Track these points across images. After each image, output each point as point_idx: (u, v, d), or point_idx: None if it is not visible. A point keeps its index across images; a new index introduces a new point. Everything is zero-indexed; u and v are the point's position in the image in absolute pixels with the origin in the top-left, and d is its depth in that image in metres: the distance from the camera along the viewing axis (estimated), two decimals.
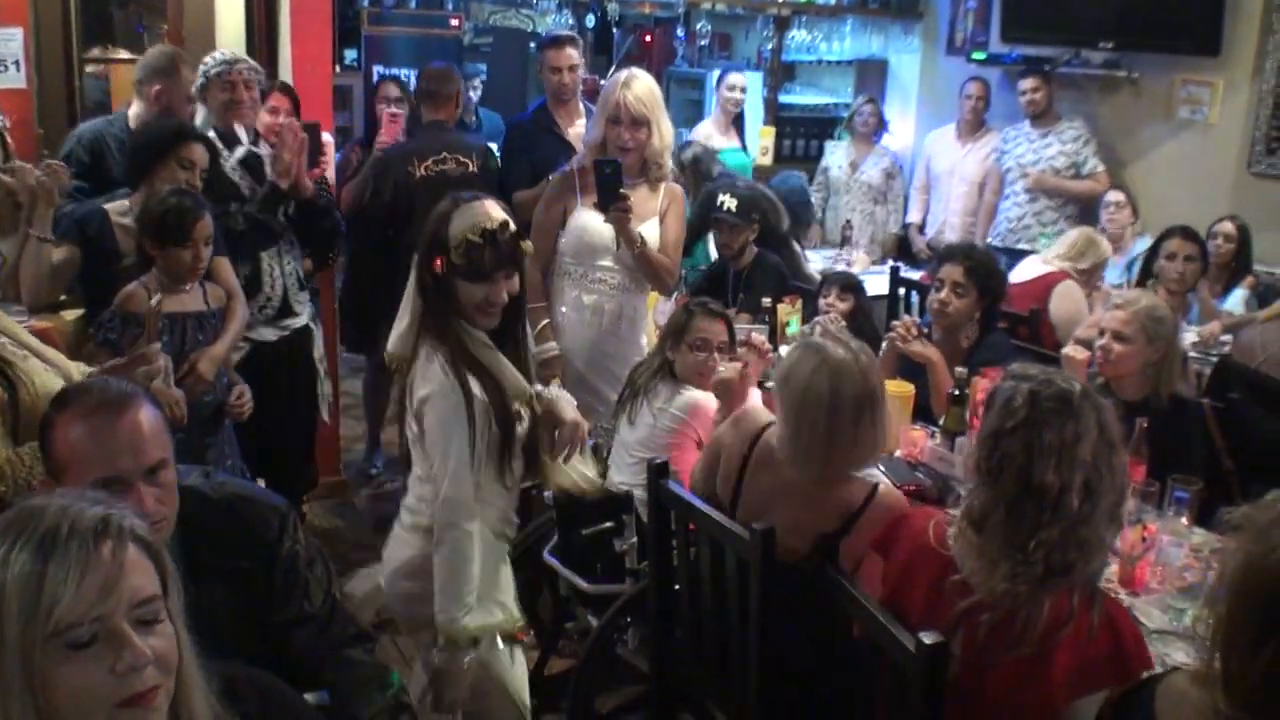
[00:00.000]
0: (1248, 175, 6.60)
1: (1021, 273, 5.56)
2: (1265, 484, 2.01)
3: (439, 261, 2.65)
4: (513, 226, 2.68)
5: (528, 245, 2.75)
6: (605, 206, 3.93)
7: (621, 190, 3.93)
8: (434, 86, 5.29)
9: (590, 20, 7.63)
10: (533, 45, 7.47)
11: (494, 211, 2.67)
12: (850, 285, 5.05)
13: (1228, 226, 5.93)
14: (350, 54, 7.30)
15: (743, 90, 6.93)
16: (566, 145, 5.01)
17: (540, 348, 3.96)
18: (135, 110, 4.66)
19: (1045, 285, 5.34)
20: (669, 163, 4.17)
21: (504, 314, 2.76)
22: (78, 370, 3.00)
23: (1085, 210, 6.84)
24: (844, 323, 4.53)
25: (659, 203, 4.12)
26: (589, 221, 4.08)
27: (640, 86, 3.98)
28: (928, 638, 2.25)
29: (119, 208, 3.87)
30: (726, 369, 3.68)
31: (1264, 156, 6.54)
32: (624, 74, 4.06)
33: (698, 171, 5.92)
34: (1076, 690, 2.20)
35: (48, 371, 2.85)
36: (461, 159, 5.18)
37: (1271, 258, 5.42)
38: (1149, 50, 6.91)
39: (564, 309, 4.19)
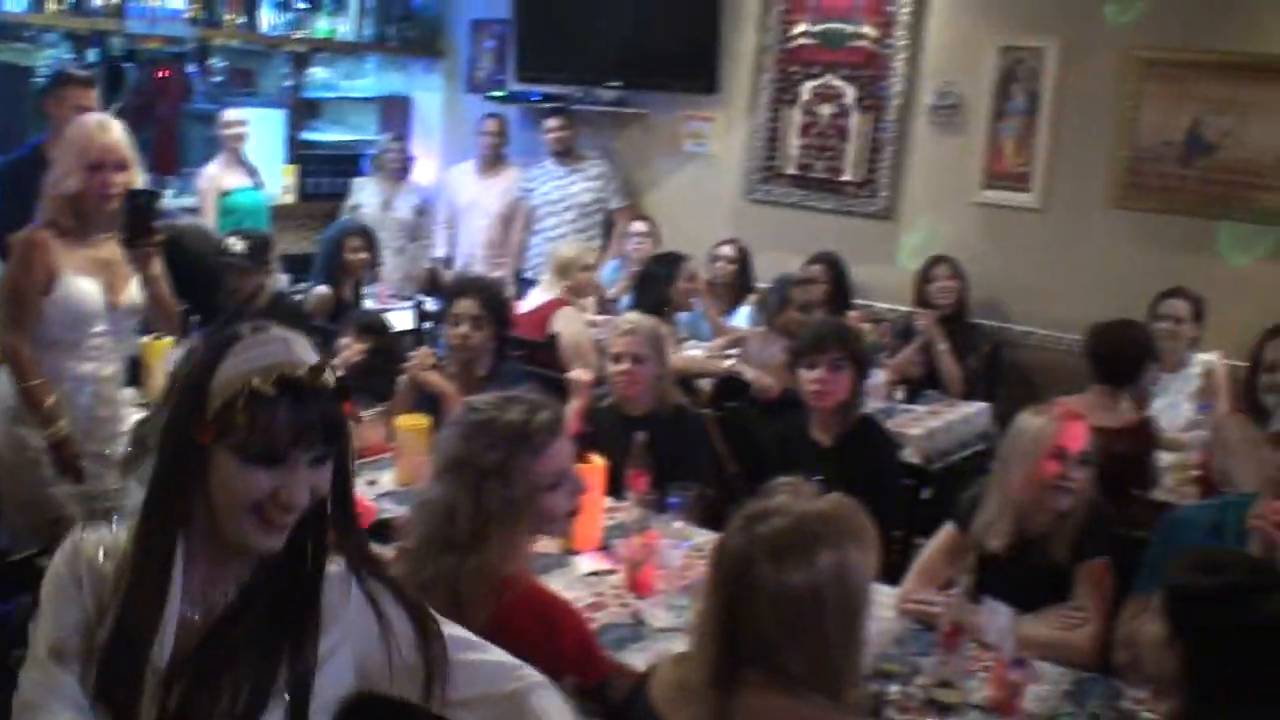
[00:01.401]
0: (746, 202, 7.14)
1: (527, 302, 5.74)
2: (766, 483, 2.17)
3: (197, 427, 1.60)
4: (332, 378, 1.65)
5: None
6: (134, 240, 3.65)
7: (154, 225, 3.68)
8: None
9: (93, 55, 7.19)
10: (35, 80, 6.95)
11: (302, 351, 1.64)
12: (369, 326, 4.95)
13: (728, 250, 6.39)
14: None
15: (241, 125, 6.77)
16: None
17: (51, 429, 3.62)
18: None
19: (545, 313, 5.53)
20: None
21: (311, 541, 1.71)
22: None
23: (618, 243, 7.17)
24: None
25: None
26: (82, 287, 3.65)
27: (117, 129, 3.72)
28: None
29: None
30: None
31: (759, 185, 7.09)
32: (93, 118, 3.76)
33: None
34: None
35: None
36: None
37: (770, 275, 5.86)
38: (654, 89, 7.35)
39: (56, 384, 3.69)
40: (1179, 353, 5.14)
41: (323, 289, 6.11)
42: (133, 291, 3.77)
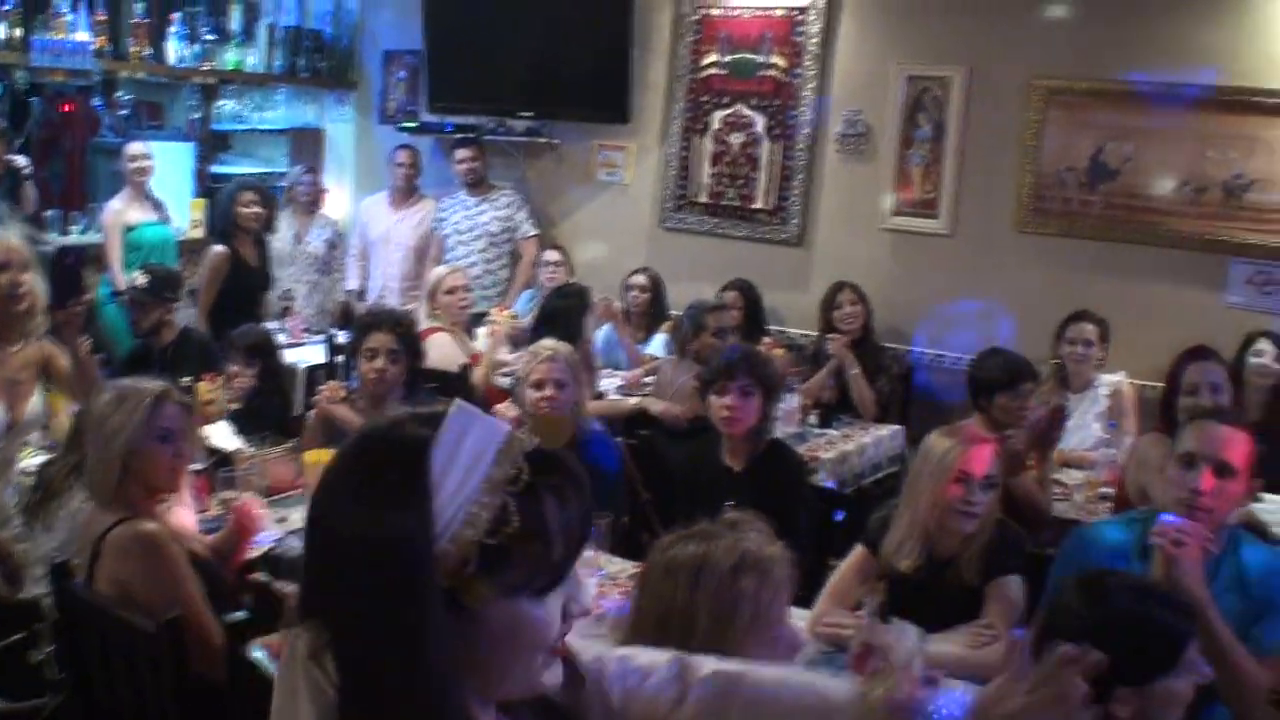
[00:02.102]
0: (660, 230, 7.18)
1: None
2: (677, 509, 2.20)
3: (456, 592, 1.13)
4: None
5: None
6: (64, 301, 3.60)
7: (83, 285, 3.64)
8: None
9: None
10: None
11: (491, 417, 1.19)
12: (255, 348, 4.88)
13: (641, 279, 6.40)
14: None
15: (146, 158, 6.68)
16: None
17: None
18: None
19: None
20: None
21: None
22: None
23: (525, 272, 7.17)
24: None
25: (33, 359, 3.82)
26: None
27: (14, 234, 3.71)
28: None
29: None
30: None
31: (672, 213, 7.14)
32: None
33: None
34: None
35: None
36: None
37: (684, 302, 5.89)
38: (566, 119, 7.37)
39: None
40: (1086, 374, 5.23)
41: (219, 248, 6.27)
42: (32, 405, 3.73)
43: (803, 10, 6.62)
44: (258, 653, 2.79)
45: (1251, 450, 2.94)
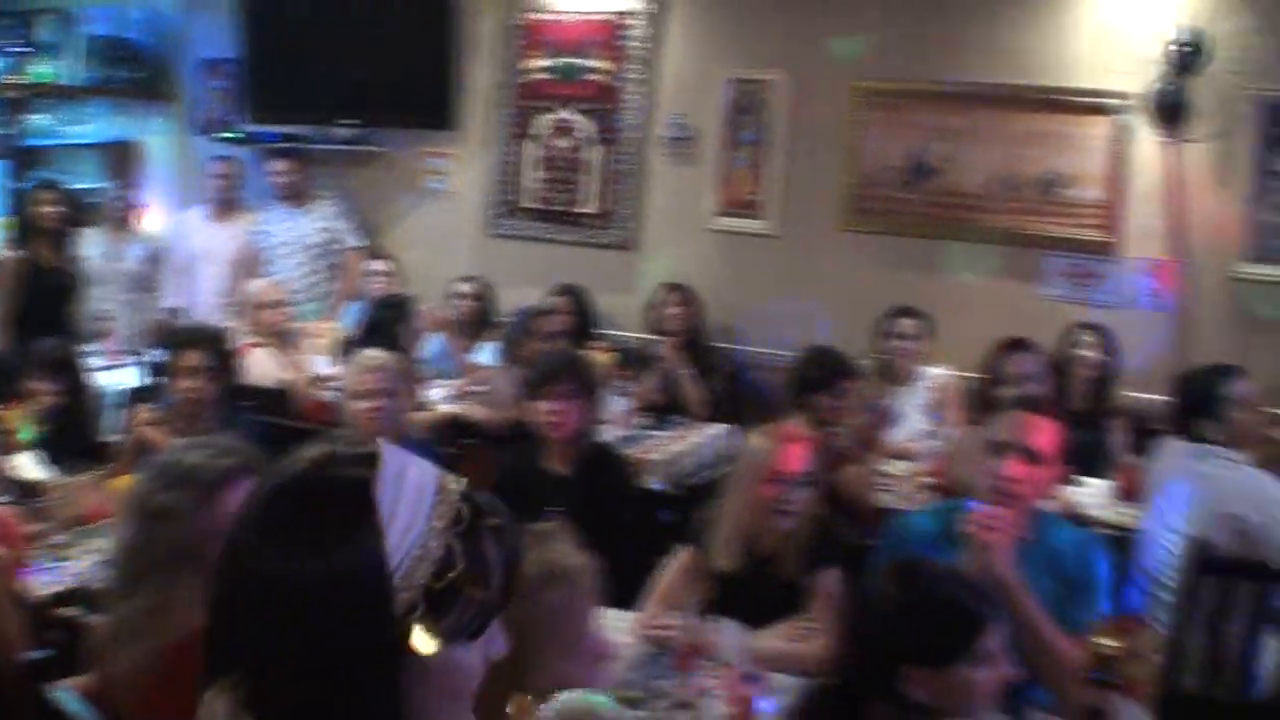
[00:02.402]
0: (487, 237, 7.12)
1: None
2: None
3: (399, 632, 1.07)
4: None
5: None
6: None
7: None
8: None
9: None
10: None
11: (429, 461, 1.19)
12: (58, 363, 4.58)
13: (466, 286, 6.33)
14: None
15: None
16: None
17: None
18: None
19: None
20: None
21: None
22: None
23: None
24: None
25: None
26: None
27: None
28: None
29: None
30: None
31: (499, 220, 7.08)
32: None
33: None
34: None
35: None
36: None
37: (512, 309, 5.86)
38: (391, 126, 7.26)
39: None
40: (909, 368, 5.35)
41: (12, 253, 6.16)
42: None
43: (627, 15, 6.65)
44: (63, 694, 2.67)
45: (1058, 437, 3.03)
